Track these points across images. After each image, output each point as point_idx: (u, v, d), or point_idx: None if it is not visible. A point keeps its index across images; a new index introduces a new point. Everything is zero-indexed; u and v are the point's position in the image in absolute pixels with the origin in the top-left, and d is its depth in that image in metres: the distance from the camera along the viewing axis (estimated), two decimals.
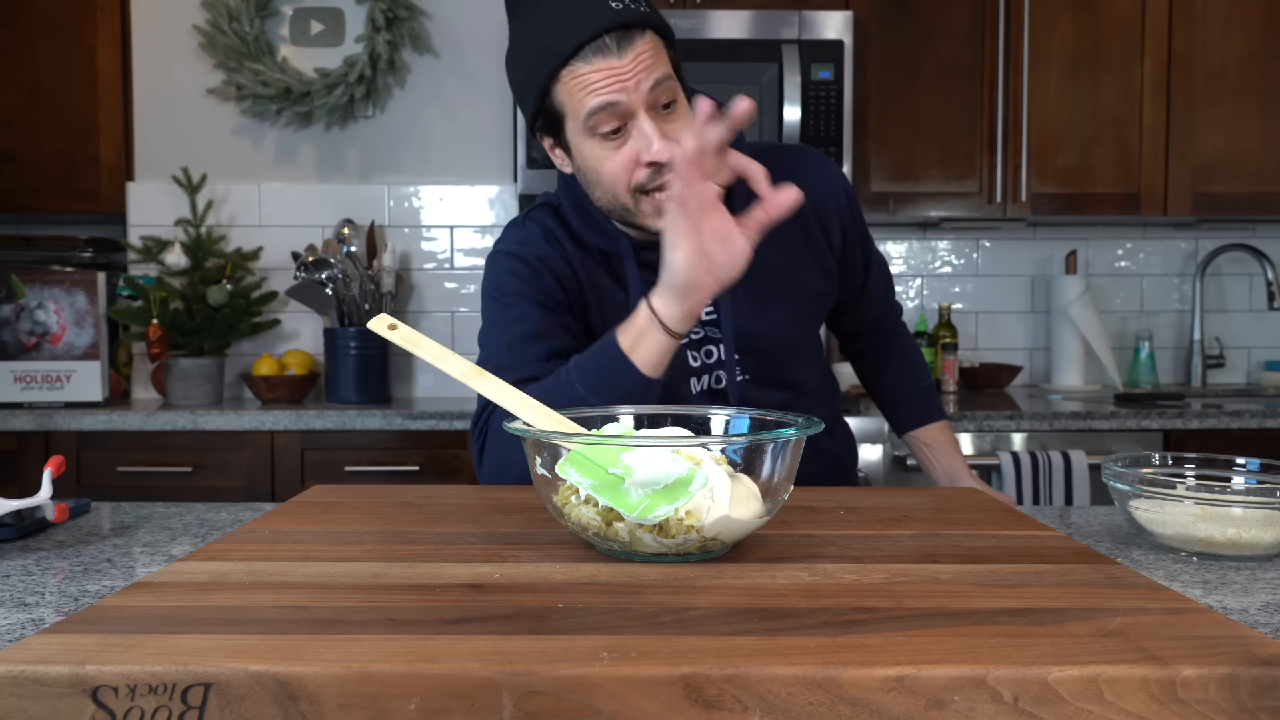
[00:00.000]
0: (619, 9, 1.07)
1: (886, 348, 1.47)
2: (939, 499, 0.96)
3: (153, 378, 2.70)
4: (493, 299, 1.22)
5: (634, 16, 1.07)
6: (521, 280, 1.20)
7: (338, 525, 0.83)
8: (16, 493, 2.26)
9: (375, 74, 2.71)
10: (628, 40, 1.07)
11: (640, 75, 1.07)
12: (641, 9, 1.09)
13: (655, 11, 1.11)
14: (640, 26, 1.08)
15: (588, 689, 0.49)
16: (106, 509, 1.10)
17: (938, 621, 0.57)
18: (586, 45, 1.06)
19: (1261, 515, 0.84)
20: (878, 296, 1.41)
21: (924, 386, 1.47)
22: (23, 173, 2.63)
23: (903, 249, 3.01)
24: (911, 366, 1.47)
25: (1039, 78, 2.62)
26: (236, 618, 0.57)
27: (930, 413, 1.46)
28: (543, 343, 1.17)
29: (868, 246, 1.37)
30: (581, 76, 1.08)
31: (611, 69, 1.07)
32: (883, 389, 1.48)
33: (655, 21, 1.10)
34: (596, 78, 1.07)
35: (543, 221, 1.25)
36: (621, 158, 1.11)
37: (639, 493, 0.69)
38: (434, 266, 2.83)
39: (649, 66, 1.08)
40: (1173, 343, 3.04)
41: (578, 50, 1.07)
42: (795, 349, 1.27)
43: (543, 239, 1.23)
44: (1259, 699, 0.49)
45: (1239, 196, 2.65)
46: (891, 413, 1.49)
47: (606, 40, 1.06)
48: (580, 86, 1.08)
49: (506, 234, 1.27)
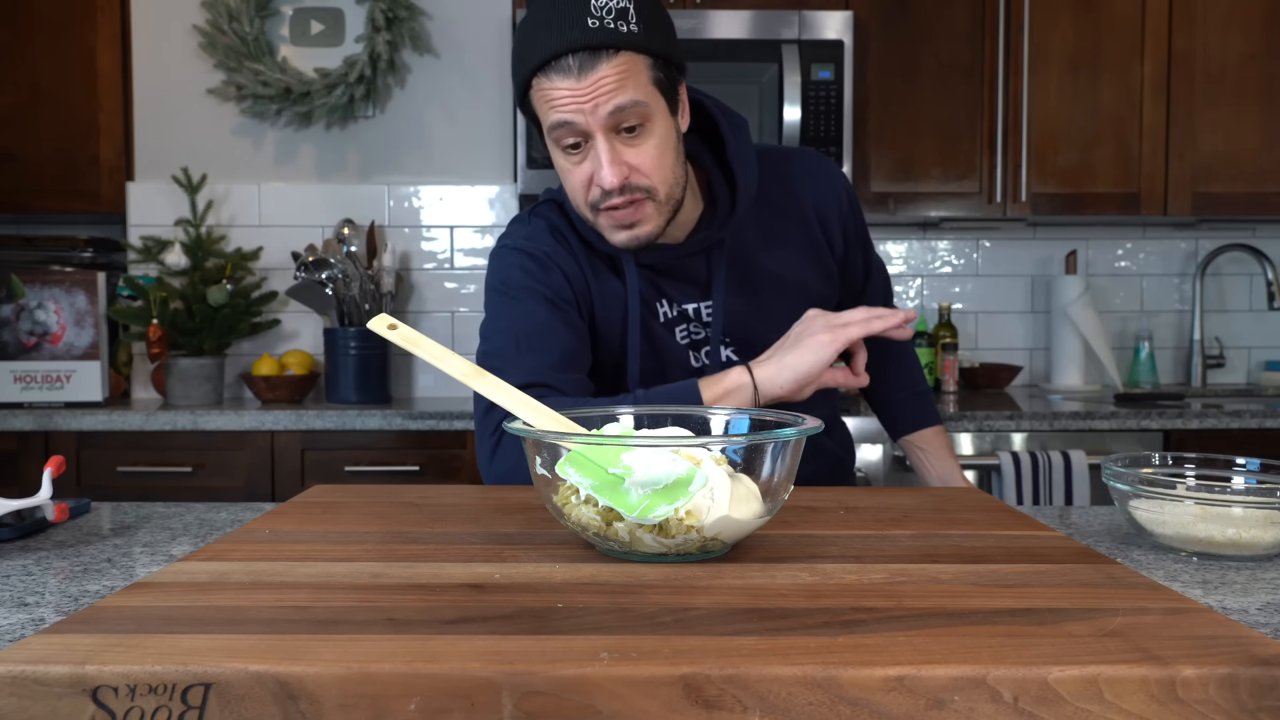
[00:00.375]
0: (593, 27, 1.04)
1: (884, 352, 1.47)
2: (939, 499, 0.96)
3: (153, 378, 2.70)
4: (499, 292, 1.21)
5: (606, 38, 1.05)
6: (529, 275, 1.20)
7: (338, 525, 0.83)
8: (16, 493, 2.26)
9: (375, 74, 2.71)
10: (591, 62, 1.05)
11: (599, 99, 1.06)
12: (623, 29, 1.06)
13: (642, 31, 1.07)
14: (613, 48, 1.05)
15: (588, 689, 0.49)
16: (106, 509, 1.10)
17: (938, 621, 0.57)
18: (550, 62, 1.06)
19: (1261, 515, 0.84)
20: (876, 301, 1.41)
21: (920, 391, 1.47)
22: (23, 173, 2.63)
23: (903, 249, 3.01)
24: (908, 371, 1.47)
25: (1039, 78, 2.62)
26: (236, 618, 0.57)
27: (926, 417, 1.46)
28: (552, 342, 1.16)
29: (868, 251, 1.37)
30: (545, 90, 1.08)
31: (570, 89, 1.06)
32: (879, 392, 1.49)
33: (635, 42, 1.07)
34: (556, 95, 1.07)
35: (548, 217, 1.24)
36: (580, 173, 1.12)
37: (639, 493, 0.69)
38: (434, 266, 2.83)
39: (610, 91, 1.06)
40: (1173, 343, 3.04)
41: (543, 65, 1.06)
42: None
43: (549, 235, 1.22)
44: (1259, 699, 0.49)
45: (1239, 196, 2.65)
46: (887, 416, 1.49)
47: (569, 60, 1.05)
48: (544, 100, 1.09)
49: (512, 229, 1.27)
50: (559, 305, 1.19)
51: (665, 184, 1.13)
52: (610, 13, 1.05)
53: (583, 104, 1.06)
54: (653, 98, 1.09)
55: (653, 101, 1.09)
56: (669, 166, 1.13)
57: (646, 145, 1.10)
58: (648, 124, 1.10)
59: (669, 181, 1.13)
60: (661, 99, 1.11)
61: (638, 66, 1.07)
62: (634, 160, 1.10)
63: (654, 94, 1.09)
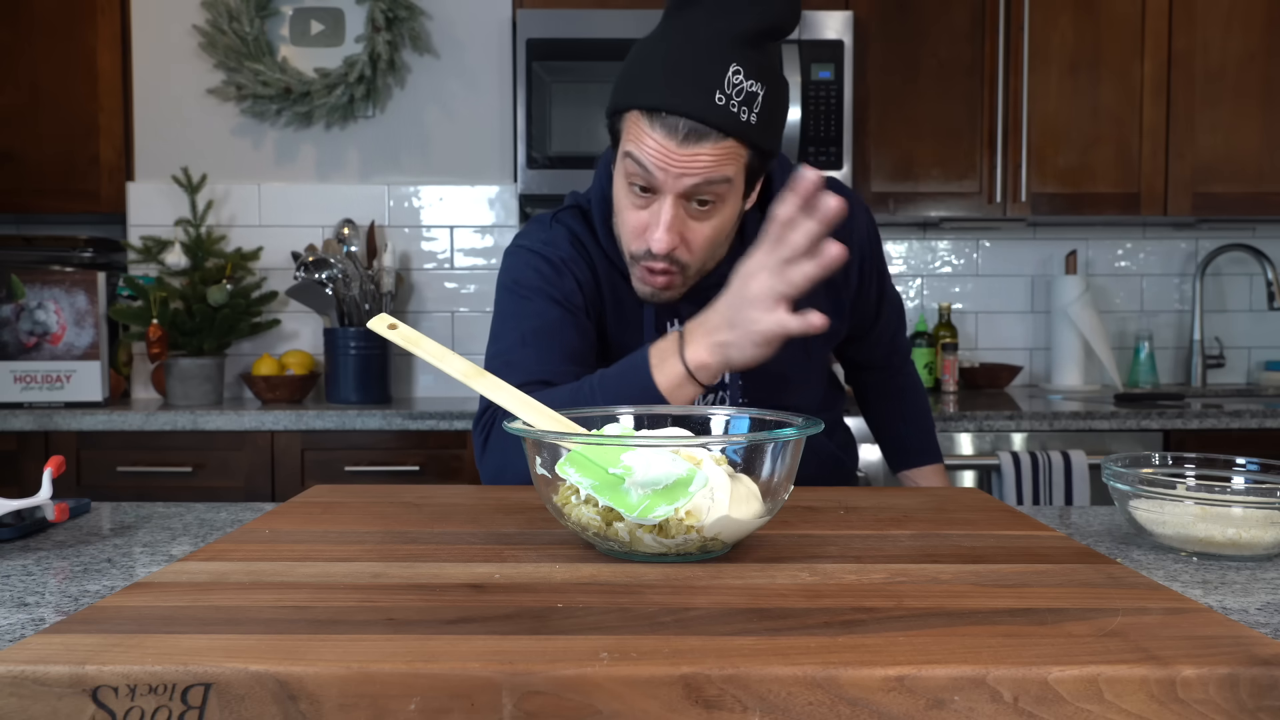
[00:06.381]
0: (718, 104, 1.02)
1: (889, 386, 1.47)
2: (939, 499, 0.96)
3: (153, 378, 2.70)
4: (510, 291, 1.21)
5: (724, 122, 1.02)
6: (542, 277, 1.19)
7: (338, 525, 0.83)
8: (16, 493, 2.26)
9: (375, 74, 2.71)
10: (699, 137, 1.03)
11: (688, 173, 1.04)
12: (743, 116, 1.03)
13: (758, 124, 1.05)
14: (724, 133, 1.03)
15: (588, 689, 0.49)
16: (106, 509, 1.10)
17: (938, 621, 0.57)
18: (660, 112, 1.03)
19: (1261, 515, 0.84)
20: (885, 335, 1.41)
21: (923, 428, 1.47)
22: (23, 173, 2.63)
23: (903, 249, 3.01)
24: (914, 406, 1.47)
25: (1039, 78, 2.62)
26: (236, 618, 0.57)
27: (927, 455, 1.46)
28: (558, 340, 1.16)
29: (883, 285, 1.36)
30: (641, 129, 1.06)
31: (665, 149, 1.04)
32: (882, 426, 1.49)
33: (747, 134, 1.04)
34: (649, 143, 1.05)
35: (570, 225, 1.23)
36: (636, 219, 1.10)
37: (639, 493, 0.69)
38: (434, 266, 2.83)
39: (703, 170, 1.04)
40: (1173, 343, 3.04)
41: (654, 110, 1.04)
42: (798, 379, 1.27)
43: (568, 242, 1.22)
44: (1259, 699, 0.49)
45: (1239, 196, 2.65)
46: (889, 450, 1.49)
47: (679, 123, 1.02)
48: (635, 135, 1.06)
49: (530, 231, 1.25)
50: (568, 308, 1.18)
51: (704, 262, 1.13)
52: (740, 94, 1.03)
53: (670, 168, 1.04)
54: (736, 183, 1.08)
55: (734, 186, 1.08)
56: (717, 246, 1.13)
57: (708, 224, 1.09)
58: (719, 203, 1.09)
59: (710, 260, 1.14)
60: (743, 185, 1.10)
61: (738, 154, 1.06)
62: (689, 235, 1.09)
63: (739, 180, 1.08)
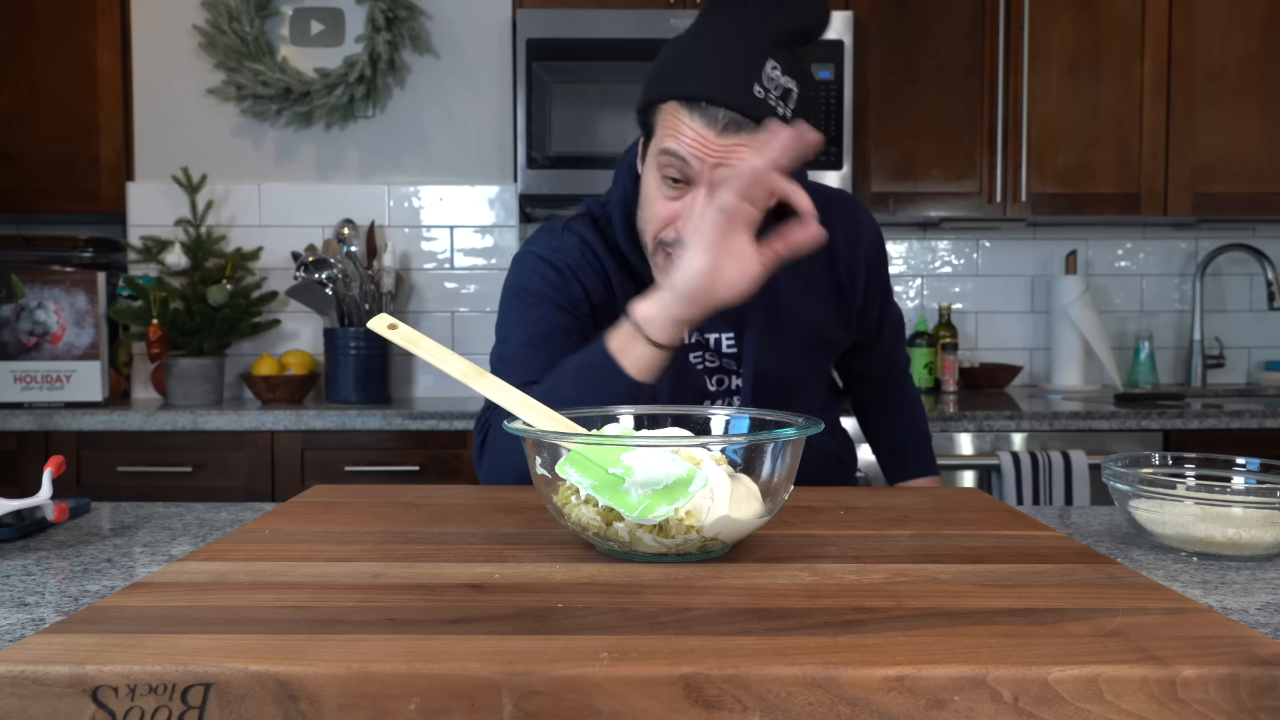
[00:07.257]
0: (758, 96, 1.03)
1: (887, 399, 1.47)
2: (939, 499, 0.96)
3: (153, 378, 2.70)
4: (516, 296, 1.22)
5: (763, 113, 1.03)
6: (548, 283, 1.20)
7: (338, 525, 0.83)
8: (16, 493, 2.26)
9: (375, 74, 2.71)
10: (737, 126, 1.03)
11: (724, 161, 1.04)
12: (779, 110, 1.04)
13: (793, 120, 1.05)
14: (760, 123, 1.03)
15: (588, 689, 0.49)
16: (106, 509, 1.10)
17: (938, 621, 0.57)
18: (699, 101, 1.04)
19: (1261, 515, 0.84)
20: (886, 349, 1.42)
21: (920, 440, 1.47)
22: (23, 173, 2.63)
23: (903, 249, 3.01)
24: (911, 419, 1.48)
25: (1039, 78, 2.62)
26: (236, 618, 0.57)
27: (923, 468, 1.47)
28: (561, 346, 1.16)
29: (886, 298, 1.37)
30: (678, 119, 1.06)
31: (703, 138, 1.04)
32: (879, 438, 1.49)
33: None
34: (686, 132, 1.05)
35: (581, 233, 1.23)
36: (666, 207, 1.10)
37: (639, 493, 0.69)
38: (434, 266, 2.83)
39: (738, 160, 1.04)
40: (1173, 343, 3.04)
41: (693, 99, 1.04)
42: (804, 387, 1.28)
43: (577, 250, 1.22)
44: (1259, 699, 0.49)
45: (1239, 196, 2.65)
46: (886, 463, 1.49)
47: (719, 113, 1.03)
48: (671, 125, 1.07)
49: (540, 237, 1.25)
50: (573, 315, 1.19)
51: None
52: (777, 89, 1.04)
53: (708, 157, 1.05)
54: None
55: None
56: None
57: None
58: None
59: None
60: None
61: None
62: None
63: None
